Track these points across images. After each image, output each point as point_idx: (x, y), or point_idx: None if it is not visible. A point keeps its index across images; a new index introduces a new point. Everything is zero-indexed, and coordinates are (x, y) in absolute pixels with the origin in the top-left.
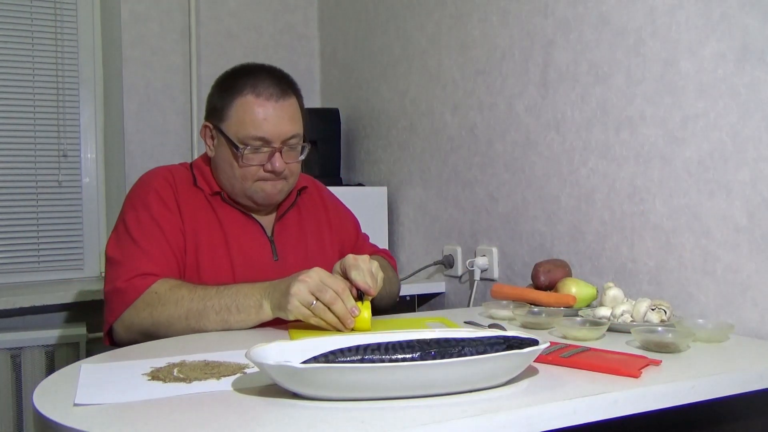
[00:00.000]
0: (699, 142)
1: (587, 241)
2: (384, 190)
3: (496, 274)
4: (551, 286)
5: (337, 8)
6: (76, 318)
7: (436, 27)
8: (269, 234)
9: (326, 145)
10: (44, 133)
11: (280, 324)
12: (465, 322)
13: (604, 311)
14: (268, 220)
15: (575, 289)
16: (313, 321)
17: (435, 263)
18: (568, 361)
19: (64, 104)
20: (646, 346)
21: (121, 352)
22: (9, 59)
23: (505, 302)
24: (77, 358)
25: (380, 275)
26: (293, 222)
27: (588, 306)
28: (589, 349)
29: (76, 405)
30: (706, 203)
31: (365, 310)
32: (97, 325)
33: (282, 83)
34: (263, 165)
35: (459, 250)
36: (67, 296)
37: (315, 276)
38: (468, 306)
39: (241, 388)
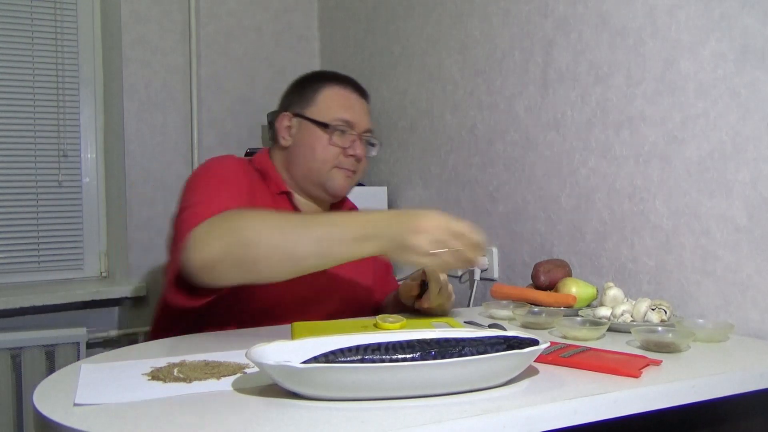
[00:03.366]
0: (699, 142)
1: (587, 241)
2: (384, 190)
3: (496, 274)
4: (551, 286)
5: (337, 8)
6: (76, 318)
7: (436, 27)
8: None
9: None
10: (44, 133)
11: (281, 324)
12: (465, 322)
13: (604, 311)
14: None
15: (575, 289)
16: (437, 265)
17: None
18: (568, 361)
19: (64, 104)
20: (647, 346)
21: (121, 352)
22: (9, 59)
23: (505, 302)
24: (77, 358)
25: (452, 299)
26: None
27: (588, 306)
28: (589, 349)
29: (76, 405)
30: (706, 203)
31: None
32: (97, 325)
33: (360, 86)
34: (345, 149)
35: None
36: (67, 296)
37: (436, 219)
38: (468, 306)
39: (241, 388)
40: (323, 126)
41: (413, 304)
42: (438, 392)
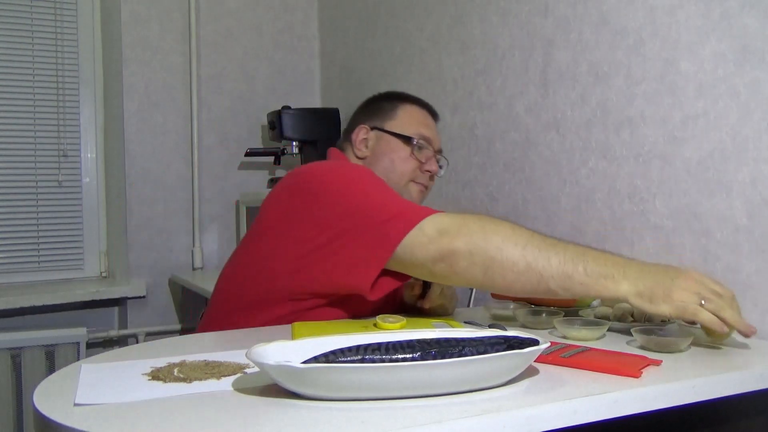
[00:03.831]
0: (699, 142)
1: (587, 241)
2: None
3: None
4: None
5: (337, 8)
6: (76, 318)
7: (436, 27)
8: None
9: (326, 145)
10: (44, 133)
11: (281, 324)
12: (465, 322)
13: (604, 311)
14: None
15: None
16: (714, 322)
17: None
18: (568, 361)
19: (64, 104)
20: (647, 346)
21: (121, 352)
22: (9, 59)
23: (505, 302)
24: (77, 358)
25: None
26: None
27: (588, 306)
28: (590, 349)
29: (76, 405)
30: (706, 203)
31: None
32: (97, 325)
33: (435, 110)
34: (422, 164)
35: None
36: (67, 296)
37: (697, 275)
38: (468, 306)
39: (241, 388)
40: (406, 139)
41: (415, 303)
42: (438, 392)
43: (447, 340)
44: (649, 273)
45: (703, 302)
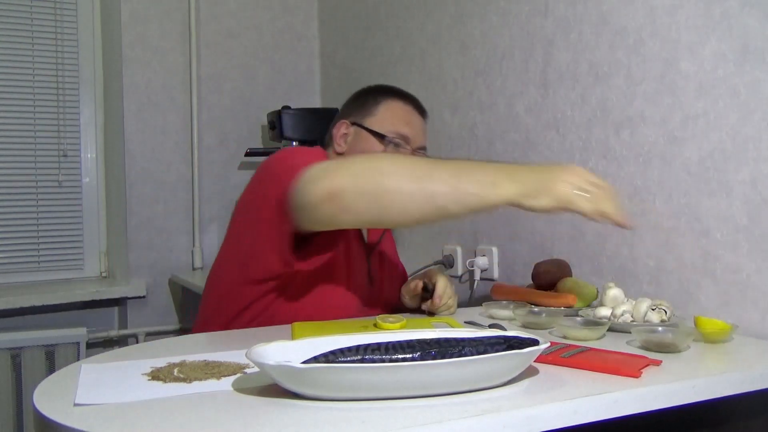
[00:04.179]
0: (699, 142)
1: (587, 241)
2: None
3: (496, 274)
4: (551, 286)
5: (337, 8)
6: (76, 318)
7: (436, 27)
8: (367, 257)
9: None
10: (44, 133)
11: (281, 324)
12: (465, 322)
13: (604, 311)
14: (369, 245)
15: (575, 289)
16: (592, 211)
17: (435, 263)
18: (568, 361)
19: (64, 104)
20: (647, 346)
21: (121, 352)
22: (9, 59)
23: (505, 302)
24: (77, 358)
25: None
26: (381, 248)
27: (588, 306)
28: (590, 349)
29: (76, 405)
30: (706, 203)
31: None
32: (97, 325)
33: (422, 106)
34: None
35: (459, 249)
36: (67, 296)
37: (579, 170)
38: (468, 306)
39: (241, 388)
40: (380, 137)
41: (415, 304)
42: (438, 392)
43: (447, 340)
44: (532, 172)
45: (582, 194)
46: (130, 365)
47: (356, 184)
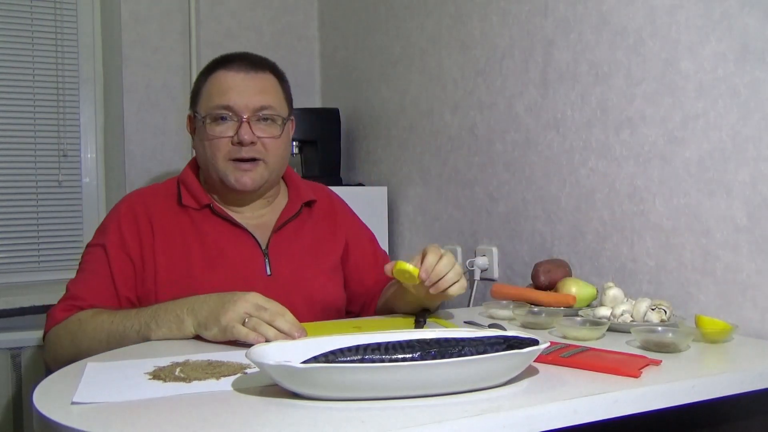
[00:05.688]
0: (699, 142)
1: (587, 241)
2: (384, 189)
3: (496, 274)
4: (551, 286)
5: (337, 8)
6: None
7: (436, 27)
8: (263, 247)
9: (326, 145)
10: (44, 133)
11: None
12: (465, 322)
13: (604, 311)
14: (263, 233)
15: (575, 289)
16: (251, 337)
17: None
18: (568, 361)
19: (64, 104)
20: (646, 346)
21: (126, 351)
22: (9, 59)
23: (505, 302)
24: None
25: (458, 270)
26: (292, 235)
27: (588, 306)
28: (589, 349)
29: (73, 403)
30: (706, 203)
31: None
32: None
33: (256, 61)
34: (230, 138)
35: (459, 249)
36: None
37: (251, 297)
38: (468, 306)
39: (241, 388)
40: (202, 119)
41: (416, 283)
42: (438, 392)
43: (447, 340)
44: (206, 303)
45: (246, 320)
46: (134, 364)
47: (71, 353)
